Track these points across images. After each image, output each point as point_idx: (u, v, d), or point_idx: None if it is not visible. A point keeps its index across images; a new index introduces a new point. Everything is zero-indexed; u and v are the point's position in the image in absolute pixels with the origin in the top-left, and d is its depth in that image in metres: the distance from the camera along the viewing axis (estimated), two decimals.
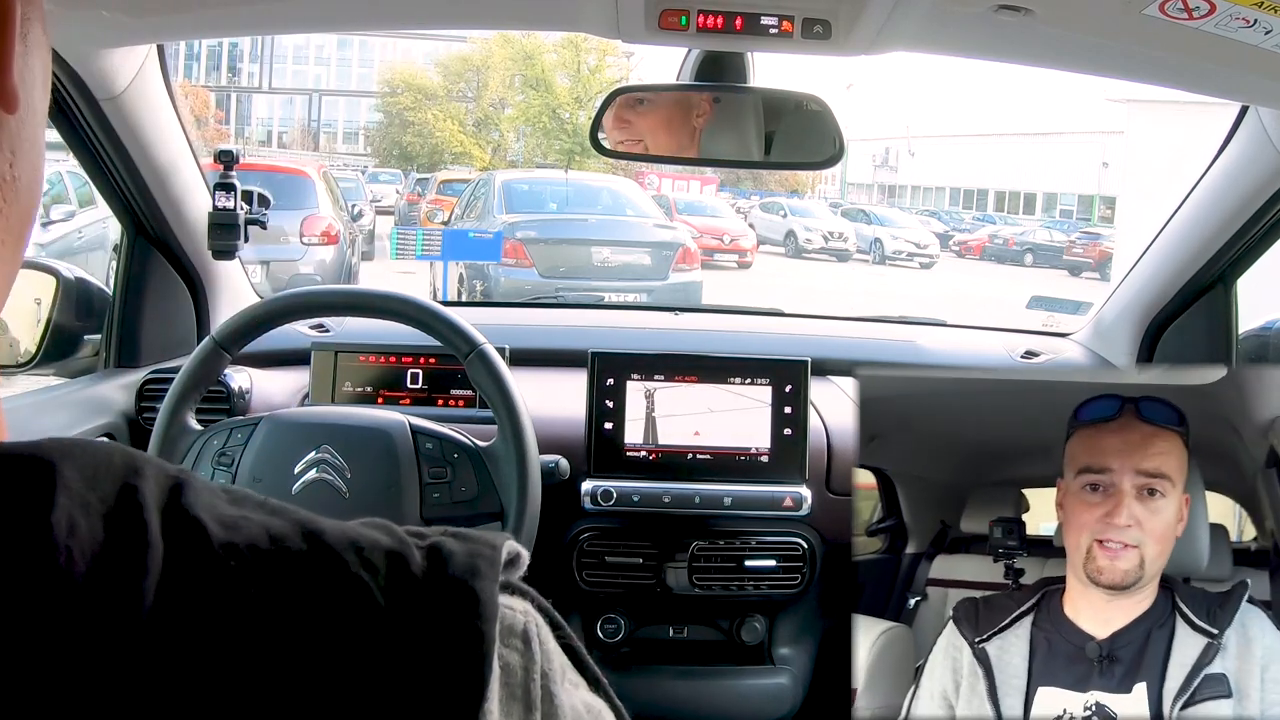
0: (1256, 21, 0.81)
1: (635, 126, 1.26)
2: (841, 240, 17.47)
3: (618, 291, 6.69)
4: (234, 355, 1.20)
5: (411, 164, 24.58)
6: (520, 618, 0.36)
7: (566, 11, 1.11)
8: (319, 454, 1.14)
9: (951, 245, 19.74)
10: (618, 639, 1.44)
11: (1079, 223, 22.72)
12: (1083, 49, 1.01)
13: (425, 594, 0.33)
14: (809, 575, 1.41)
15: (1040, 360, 1.71)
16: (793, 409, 1.38)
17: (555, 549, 1.39)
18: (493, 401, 1.17)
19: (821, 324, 1.94)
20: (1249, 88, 1.10)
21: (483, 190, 8.67)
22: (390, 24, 1.28)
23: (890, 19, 0.98)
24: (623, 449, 1.38)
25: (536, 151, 24.37)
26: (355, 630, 0.31)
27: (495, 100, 26.21)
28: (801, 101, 1.23)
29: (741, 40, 1.08)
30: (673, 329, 1.79)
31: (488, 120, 26.35)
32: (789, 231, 17.56)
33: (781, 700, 1.46)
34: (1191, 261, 1.51)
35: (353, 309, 1.31)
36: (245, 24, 1.20)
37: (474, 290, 7.05)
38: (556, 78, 23.58)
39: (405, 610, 0.32)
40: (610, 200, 8.73)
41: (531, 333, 1.76)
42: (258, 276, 6.02)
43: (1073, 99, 24.95)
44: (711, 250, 12.41)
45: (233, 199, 1.46)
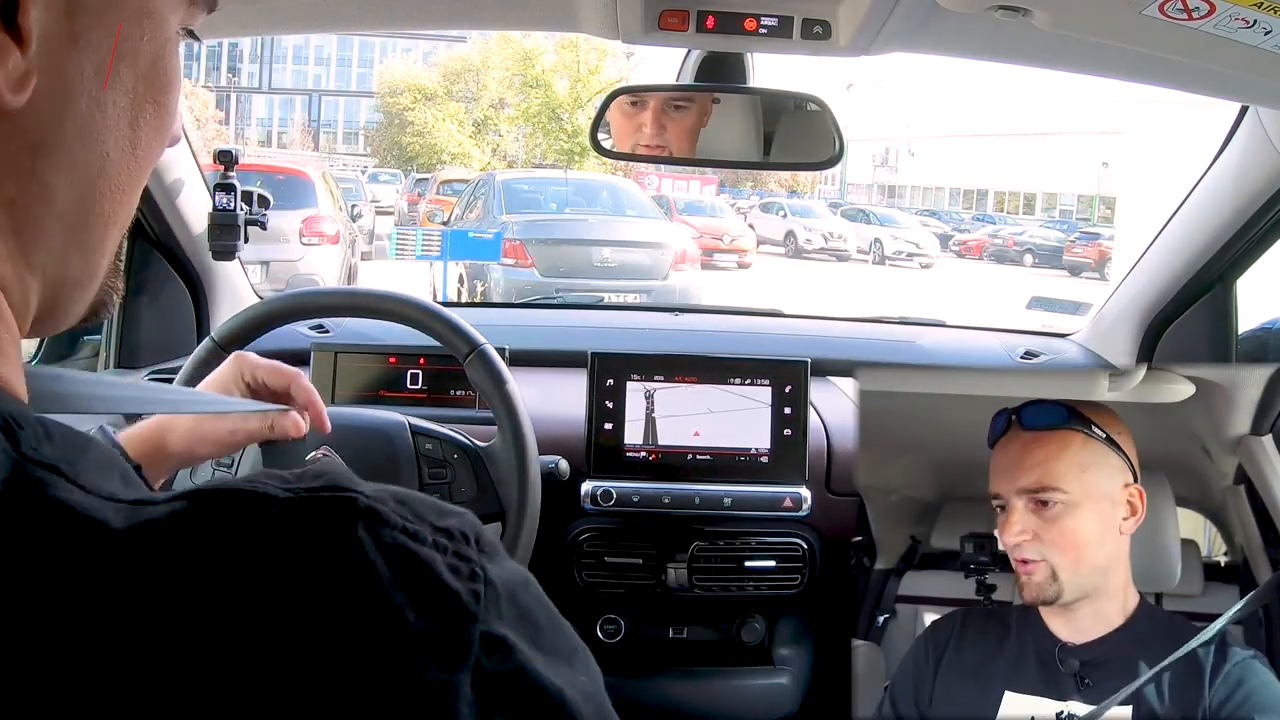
0: (1256, 22, 0.81)
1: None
2: (841, 240, 17.48)
3: (618, 291, 6.70)
4: None
5: (411, 164, 24.59)
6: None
7: (566, 12, 1.11)
8: (319, 454, 1.14)
9: (951, 245, 19.74)
10: (618, 639, 1.44)
11: (1079, 223, 22.72)
12: (1082, 49, 1.01)
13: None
14: (809, 576, 1.41)
15: (1040, 360, 1.71)
16: (793, 409, 1.38)
17: (555, 549, 1.39)
18: (492, 402, 1.17)
19: (821, 324, 1.95)
20: (1249, 88, 1.10)
21: (483, 190, 8.68)
22: (390, 24, 1.28)
23: (890, 19, 0.98)
24: (622, 449, 1.38)
25: (536, 152, 24.36)
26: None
27: (495, 101, 26.19)
28: (801, 102, 1.23)
29: (741, 40, 1.08)
30: (673, 329, 1.79)
31: (487, 121, 26.34)
32: (789, 232, 17.58)
33: (781, 700, 1.46)
34: (1191, 261, 1.51)
35: (352, 309, 1.31)
36: (245, 24, 1.20)
37: (474, 290, 7.06)
38: (556, 78, 23.57)
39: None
40: (610, 200, 8.74)
41: (531, 333, 1.76)
42: (258, 277, 6.02)
43: (1073, 99, 24.93)
44: (711, 250, 12.42)
45: (233, 199, 1.46)
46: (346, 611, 0.29)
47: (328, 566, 0.30)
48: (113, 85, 0.36)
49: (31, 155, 0.35)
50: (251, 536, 0.30)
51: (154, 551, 0.30)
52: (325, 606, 0.29)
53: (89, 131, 0.36)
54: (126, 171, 0.38)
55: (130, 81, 0.37)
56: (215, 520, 0.31)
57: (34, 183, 0.35)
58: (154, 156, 0.40)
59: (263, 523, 0.31)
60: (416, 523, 0.32)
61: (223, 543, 0.30)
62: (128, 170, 0.38)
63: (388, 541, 0.31)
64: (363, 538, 0.30)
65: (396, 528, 0.31)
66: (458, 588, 0.31)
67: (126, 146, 0.38)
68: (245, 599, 0.29)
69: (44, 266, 0.37)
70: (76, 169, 0.36)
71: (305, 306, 1.26)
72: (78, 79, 0.35)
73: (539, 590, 0.36)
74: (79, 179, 0.37)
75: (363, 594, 0.30)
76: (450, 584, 0.31)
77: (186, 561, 0.29)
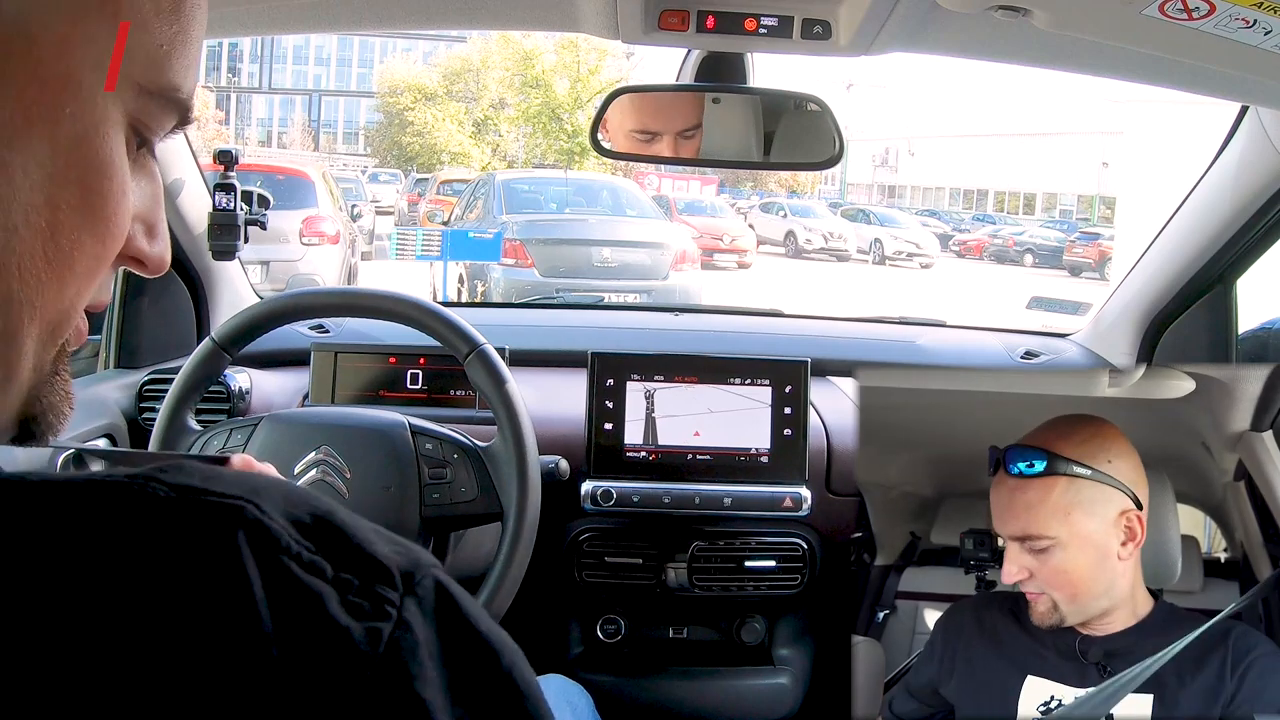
0: (1256, 22, 0.81)
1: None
2: (841, 240, 17.48)
3: (618, 291, 6.69)
4: (234, 356, 1.20)
5: (411, 164, 24.59)
6: None
7: (566, 12, 1.11)
8: (319, 454, 1.14)
9: (951, 245, 19.74)
10: (618, 639, 1.44)
11: (1079, 223, 22.72)
12: (1082, 49, 1.01)
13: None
14: (809, 575, 1.41)
15: (1040, 361, 1.71)
16: (792, 409, 1.38)
17: (555, 549, 1.39)
18: (492, 402, 1.17)
19: (821, 324, 1.94)
20: (1249, 88, 1.10)
21: (483, 190, 8.67)
22: (390, 24, 1.28)
23: (890, 19, 0.98)
24: (623, 449, 1.38)
25: (536, 152, 24.36)
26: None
27: (495, 101, 26.19)
28: (801, 102, 1.23)
29: (741, 41, 1.08)
30: (673, 329, 1.79)
31: (487, 121, 26.33)
32: (789, 232, 17.58)
33: (781, 700, 1.46)
34: (1191, 261, 1.51)
35: (352, 309, 1.31)
36: (244, 24, 1.20)
37: (474, 290, 7.06)
38: (556, 78, 23.56)
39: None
40: (610, 200, 8.73)
41: (531, 333, 1.76)
42: (258, 277, 6.04)
43: (1073, 99, 24.95)
44: (711, 250, 12.42)
45: (233, 199, 1.46)
46: (208, 614, 0.28)
47: (197, 566, 0.28)
48: (20, 149, 0.33)
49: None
50: (128, 525, 0.29)
51: (24, 514, 0.29)
52: (190, 626, 0.27)
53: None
54: (44, 258, 0.34)
55: (44, 152, 0.33)
56: (96, 503, 0.29)
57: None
58: (83, 252, 0.35)
59: (141, 515, 0.29)
60: (318, 554, 0.30)
61: (97, 526, 0.29)
62: (45, 256, 0.34)
63: (269, 559, 0.29)
64: (241, 547, 0.29)
65: (287, 551, 0.29)
66: (347, 624, 0.29)
67: (42, 227, 0.33)
68: (102, 580, 0.28)
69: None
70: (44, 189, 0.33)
71: (305, 306, 1.26)
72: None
73: (523, 674, 0.33)
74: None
75: (229, 601, 0.28)
76: (337, 618, 0.29)
77: (51, 537, 0.28)
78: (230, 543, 0.29)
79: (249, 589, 0.28)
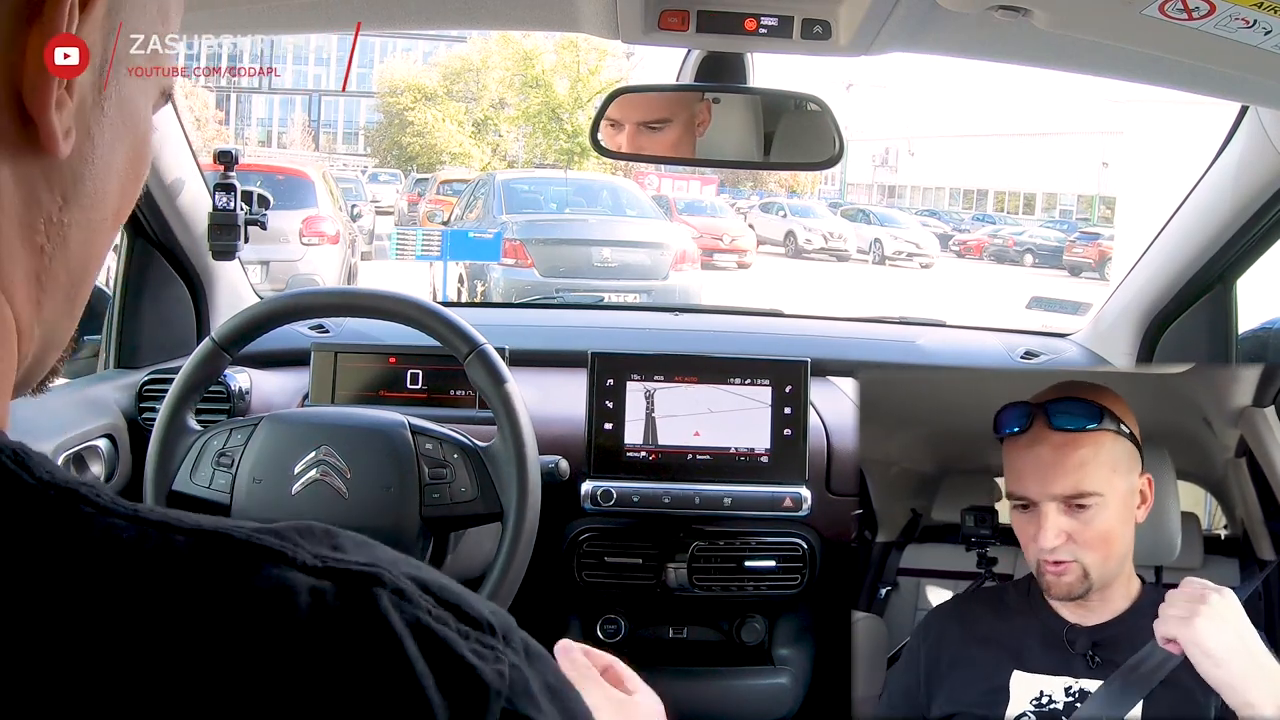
0: (1256, 22, 0.81)
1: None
2: (841, 240, 17.48)
3: (618, 291, 6.69)
4: (234, 356, 1.20)
5: (411, 164, 24.58)
6: None
7: (566, 12, 1.11)
8: (319, 454, 1.14)
9: (951, 245, 19.74)
10: (618, 639, 1.44)
11: (1079, 223, 22.72)
12: (1082, 49, 1.01)
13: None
14: (809, 575, 1.41)
15: (1040, 360, 1.71)
16: (793, 409, 1.38)
17: (555, 549, 1.39)
18: (492, 402, 1.17)
19: (821, 324, 1.94)
20: (1249, 88, 1.10)
21: (483, 190, 8.67)
22: (390, 24, 1.28)
23: (890, 19, 0.98)
24: (622, 449, 1.38)
25: (536, 152, 24.35)
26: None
27: (495, 101, 26.18)
28: (801, 102, 1.23)
29: (741, 41, 1.08)
30: (673, 329, 1.79)
31: (487, 121, 26.32)
32: (788, 232, 17.58)
33: (781, 700, 1.46)
34: (1191, 261, 1.51)
35: (352, 309, 1.31)
36: (245, 24, 1.20)
37: (474, 290, 7.06)
38: (556, 78, 23.56)
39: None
40: (610, 200, 8.74)
41: (531, 333, 1.76)
42: (258, 277, 6.03)
43: (1073, 99, 24.95)
44: (711, 250, 12.42)
45: (233, 199, 1.46)
46: (372, 687, 0.30)
47: (352, 640, 0.31)
48: (115, 146, 0.38)
49: (62, 205, 0.36)
50: (275, 602, 0.31)
51: (173, 588, 0.30)
52: (349, 681, 0.30)
53: (101, 188, 0.38)
54: (113, 234, 0.40)
55: (129, 142, 0.39)
56: (236, 571, 0.31)
57: (58, 232, 0.36)
58: (123, 220, 0.41)
59: (287, 590, 0.31)
60: (439, 608, 0.33)
61: (243, 597, 0.31)
62: (113, 234, 0.40)
63: (409, 619, 0.32)
64: (388, 612, 0.32)
65: (419, 607, 0.33)
66: (478, 665, 0.32)
67: (122, 207, 0.40)
68: (265, 659, 0.30)
69: (45, 322, 0.38)
70: (88, 225, 0.38)
71: (305, 306, 1.26)
72: (99, 136, 0.37)
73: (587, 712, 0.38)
74: (88, 235, 0.38)
75: (389, 670, 0.31)
76: (471, 661, 0.32)
77: (204, 607, 0.30)
78: (374, 608, 0.32)
79: (401, 646, 0.31)
